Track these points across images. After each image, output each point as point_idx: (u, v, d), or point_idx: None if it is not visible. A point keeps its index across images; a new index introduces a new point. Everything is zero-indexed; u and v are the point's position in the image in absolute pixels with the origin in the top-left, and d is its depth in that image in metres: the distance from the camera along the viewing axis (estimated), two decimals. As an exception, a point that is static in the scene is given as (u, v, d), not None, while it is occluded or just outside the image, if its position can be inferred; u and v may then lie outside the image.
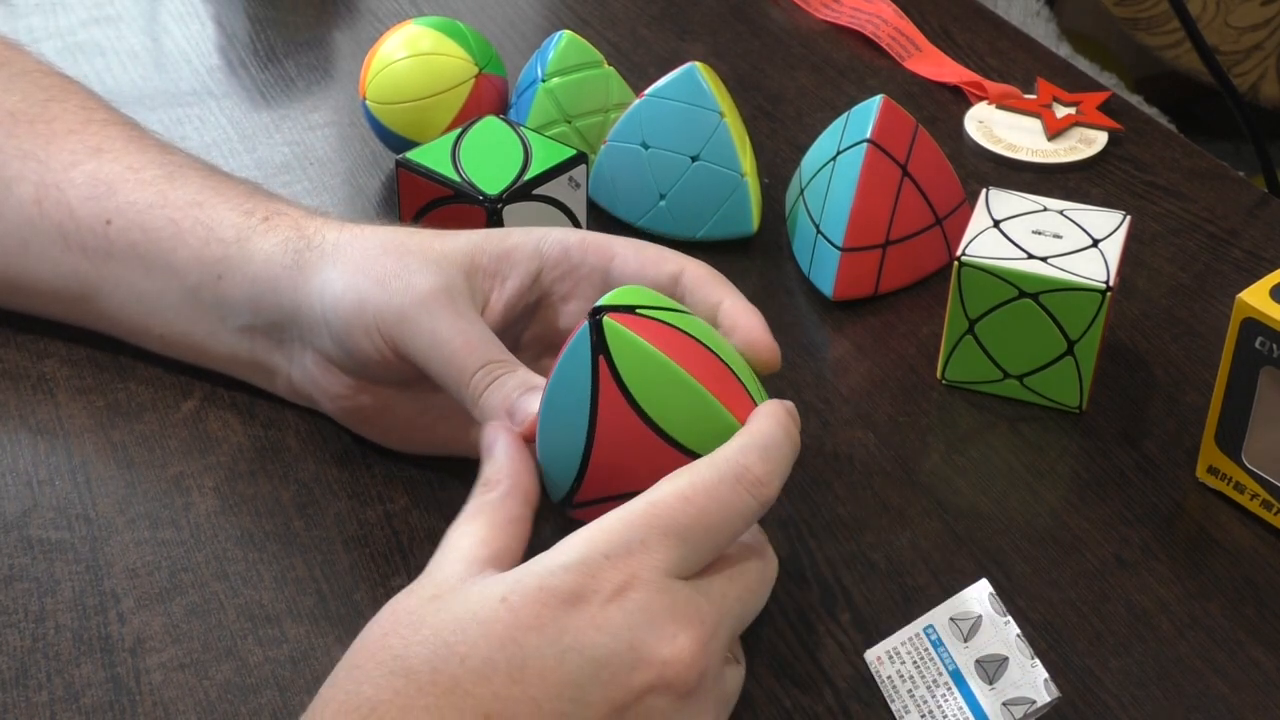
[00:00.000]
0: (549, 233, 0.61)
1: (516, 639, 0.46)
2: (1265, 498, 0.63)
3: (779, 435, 0.52)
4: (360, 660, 0.48)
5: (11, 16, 0.98)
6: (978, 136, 0.88)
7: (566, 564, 0.48)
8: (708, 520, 0.49)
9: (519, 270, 0.61)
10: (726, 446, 0.51)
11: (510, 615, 0.47)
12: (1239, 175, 0.87)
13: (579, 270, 0.61)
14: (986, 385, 0.70)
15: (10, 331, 0.70)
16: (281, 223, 0.64)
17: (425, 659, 0.46)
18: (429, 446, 0.64)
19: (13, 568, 0.60)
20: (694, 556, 0.49)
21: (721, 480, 0.50)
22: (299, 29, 0.98)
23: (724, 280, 0.59)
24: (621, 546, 0.48)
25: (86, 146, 0.68)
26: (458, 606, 0.48)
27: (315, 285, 0.61)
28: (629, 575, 0.48)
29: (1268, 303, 0.61)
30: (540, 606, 0.47)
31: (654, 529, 0.49)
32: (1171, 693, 0.57)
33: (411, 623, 0.48)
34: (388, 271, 0.59)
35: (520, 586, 0.47)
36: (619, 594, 0.47)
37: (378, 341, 0.59)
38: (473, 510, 0.52)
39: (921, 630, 0.54)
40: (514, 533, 0.51)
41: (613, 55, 0.94)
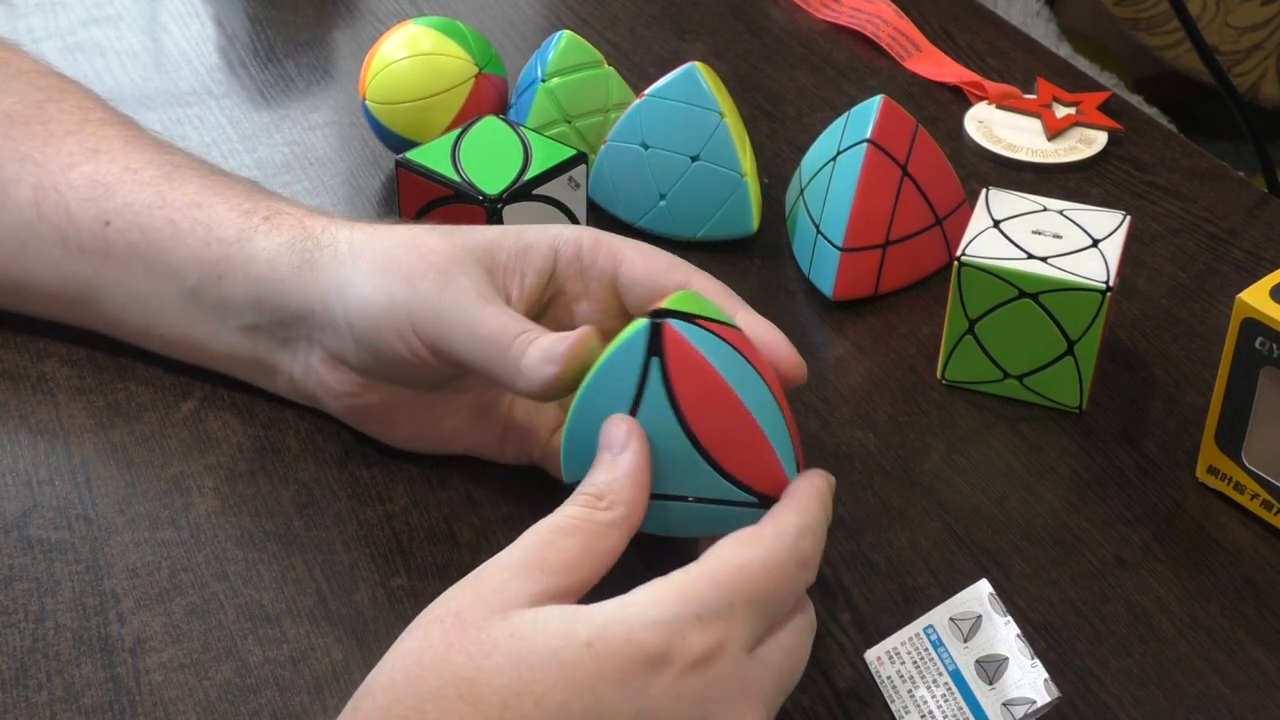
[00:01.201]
0: (563, 231, 0.61)
1: (596, 691, 0.45)
2: (1265, 498, 0.63)
3: (821, 518, 0.52)
4: (423, 670, 0.46)
5: (11, 16, 0.98)
6: (978, 136, 0.88)
7: (658, 620, 0.46)
8: (780, 595, 0.50)
9: (535, 268, 0.61)
10: (787, 522, 0.51)
11: (594, 664, 0.45)
12: (1239, 175, 0.87)
13: (589, 271, 0.61)
14: (986, 385, 0.70)
15: (10, 331, 0.70)
16: (284, 222, 0.64)
17: (497, 690, 0.45)
18: (432, 444, 0.64)
19: (13, 568, 0.60)
20: (764, 628, 0.50)
21: (789, 559, 0.50)
22: (299, 29, 0.98)
23: (732, 294, 0.59)
24: (712, 611, 0.47)
25: (84, 148, 0.68)
26: (537, 640, 0.46)
27: (333, 286, 0.61)
28: (716, 644, 0.47)
29: (1268, 303, 0.61)
30: (625, 661, 0.46)
31: (743, 596, 0.48)
32: (1171, 693, 0.57)
33: (482, 643, 0.46)
34: (416, 271, 0.59)
35: (608, 635, 0.46)
36: (703, 663, 0.47)
37: (411, 341, 0.59)
38: (573, 523, 0.50)
39: (921, 630, 0.54)
40: (601, 568, 0.49)
41: (613, 55, 0.94)
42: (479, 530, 0.62)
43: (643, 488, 0.51)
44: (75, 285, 0.67)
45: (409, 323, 0.59)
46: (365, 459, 0.65)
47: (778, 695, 0.50)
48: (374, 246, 0.61)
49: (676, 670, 0.46)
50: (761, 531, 0.50)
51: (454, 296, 0.58)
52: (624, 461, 0.51)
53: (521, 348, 0.56)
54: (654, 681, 0.46)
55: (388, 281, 0.59)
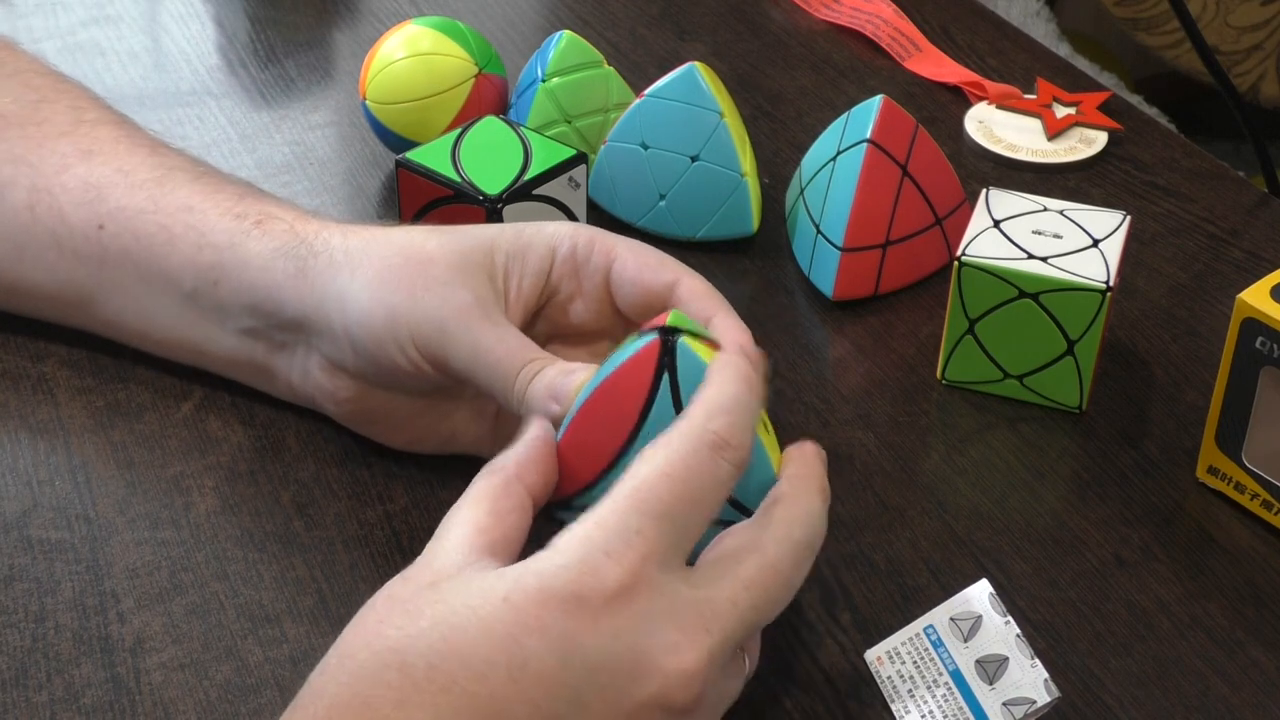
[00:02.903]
0: (559, 229, 0.61)
1: (518, 640, 0.46)
2: (1265, 498, 0.63)
3: (741, 391, 0.51)
4: (354, 648, 0.47)
5: (11, 16, 0.98)
6: (978, 136, 0.88)
7: (567, 563, 0.47)
8: (691, 494, 0.48)
9: (533, 269, 0.61)
10: (693, 413, 0.50)
11: (512, 615, 0.46)
12: (1239, 175, 0.87)
13: (584, 269, 0.61)
14: (986, 385, 0.70)
15: (10, 332, 0.70)
16: (275, 227, 0.63)
17: (422, 653, 0.46)
18: (432, 445, 0.64)
19: (13, 568, 0.60)
20: (685, 535, 0.49)
21: (698, 452, 0.49)
22: (299, 29, 0.98)
23: (719, 296, 0.59)
24: (619, 539, 0.47)
25: (77, 149, 0.67)
26: (456, 600, 0.47)
27: (330, 295, 0.61)
28: (631, 573, 0.47)
29: (1268, 303, 0.61)
30: (542, 608, 0.46)
31: (646, 514, 0.48)
32: (1171, 693, 0.57)
33: (408, 611, 0.47)
34: (416, 282, 0.59)
35: (521, 585, 0.47)
36: (622, 595, 0.47)
37: (412, 354, 0.59)
38: (475, 494, 0.51)
39: (921, 630, 0.54)
40: (514, 522, 0.50)
41: (613, 55, 0.94)
42: (479, 530, 0.62)
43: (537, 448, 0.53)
44: (72, 289, 0.67)
45: (409, 336, 0.59)
46: (365, 459, 0.65)
47: (729, 633, 0.48)
48: (370, 254, 0.61)
49: (594, 607, 0.46)
50: (664, 436, 0.49)
51: (458, 312, 0.58)
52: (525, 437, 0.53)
53: (526, 379, 0.56)
54: (574, 623, 0.46)
55: (387, 293, 0.59)
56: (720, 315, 0.58)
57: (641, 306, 0.60)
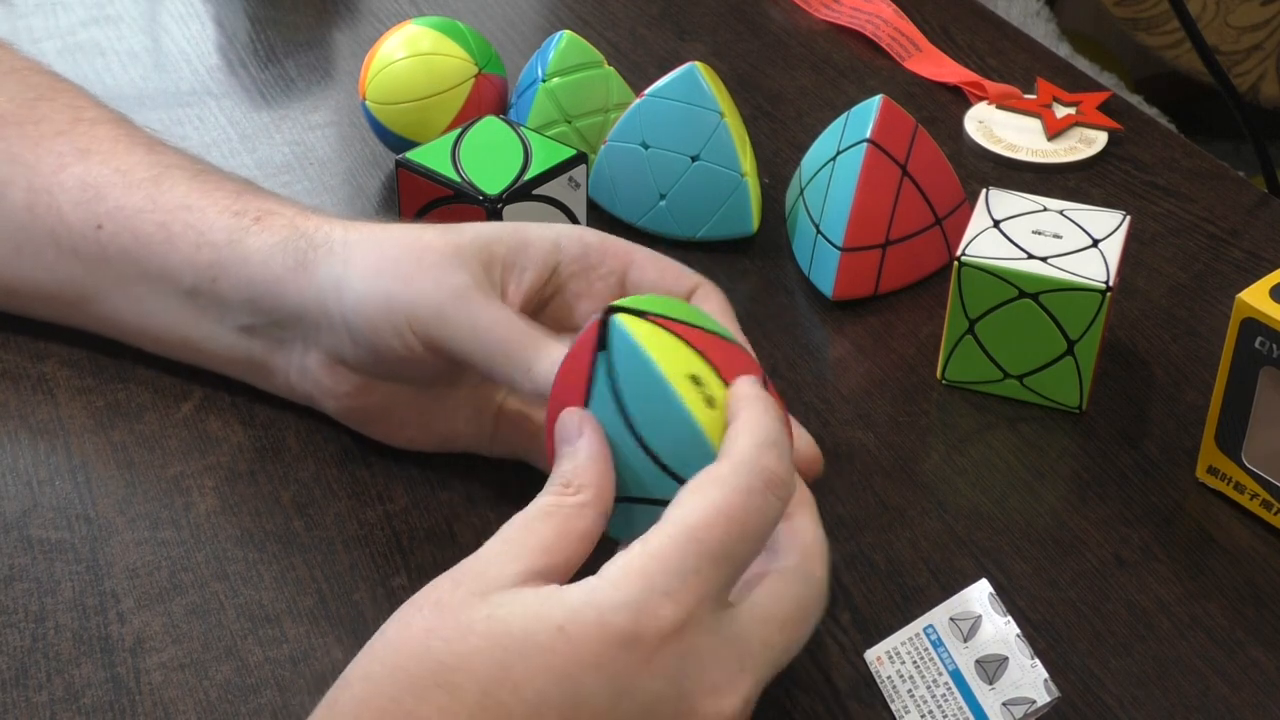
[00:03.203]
0: (569, 229, 0.61)
1: (573, 675, 0.45)
2: (1265, 498, 0.63)
3: (777, 425, 0.51)
4: (402, 659, 0.46)
5: (11, 16, 0.98)
6: (978, 136, 0.88)
7: (626, 601, 0.46)
8: (747, 534, 0.48)
9: (536, 264, 0.60)
10: (741, 448, 0.49)
11: (569, 648, 0.45)
12: (1239, 175, 0.87)
13: (596, 270, 0.61)
14: (986, 385, 0.70)
15: (10, 332, 0.70)
16: (275, 222, 0.63)
17: (474, 677, 0.45)
18: (432, 443, 0.64)
19: (13, 568, 0.60)
20: (736, 573, 0.49)
21: (752, 490, 0.48)
22: (299, 29, 0.98)
23: (730, 314, 0.59)
24: (678, 580, 0.47)
25: (75, 148, 0.67)
26: (512, 623, 0.46)
27: (328, 285, 0.61)
28: (685, 614, 0.46)
29: (1268, 303, 0.61)
30: (600, 644, 0.46)
31: (704, 556, 0.47)
32: (1171, 693, 0.57)
33: (459, 627, 0.46)
34: (412, 269, 0.59)
35: (579, 618, 0.46)
36: (675, 636, 0.46)
37: (409, 339, 0.59)
38: (546, 509, 0.49)
39: (921, 630, 0.54)
40: (580, 549, 0.49)
41: (613, 55, 0.94)
42: (479, 530, 0.62)
43: (605, 466, 0.51)
44: (71, 287, 0.67)
45: (406, 320, 0.58)
46: (365, 459, 0.65)
47: (766, 662, 0.49)
48: (368, 244, 0.61)
49: (649, 647, 0.46)
50: (716, 471, 0.49)
51: (454, 293, 0.58)
52: (582, 447, 0.51)
53: (532, 355, 0.56)
54: (629, 662, 0.46)
55: (383, 279, 0.59)
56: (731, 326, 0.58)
57: None
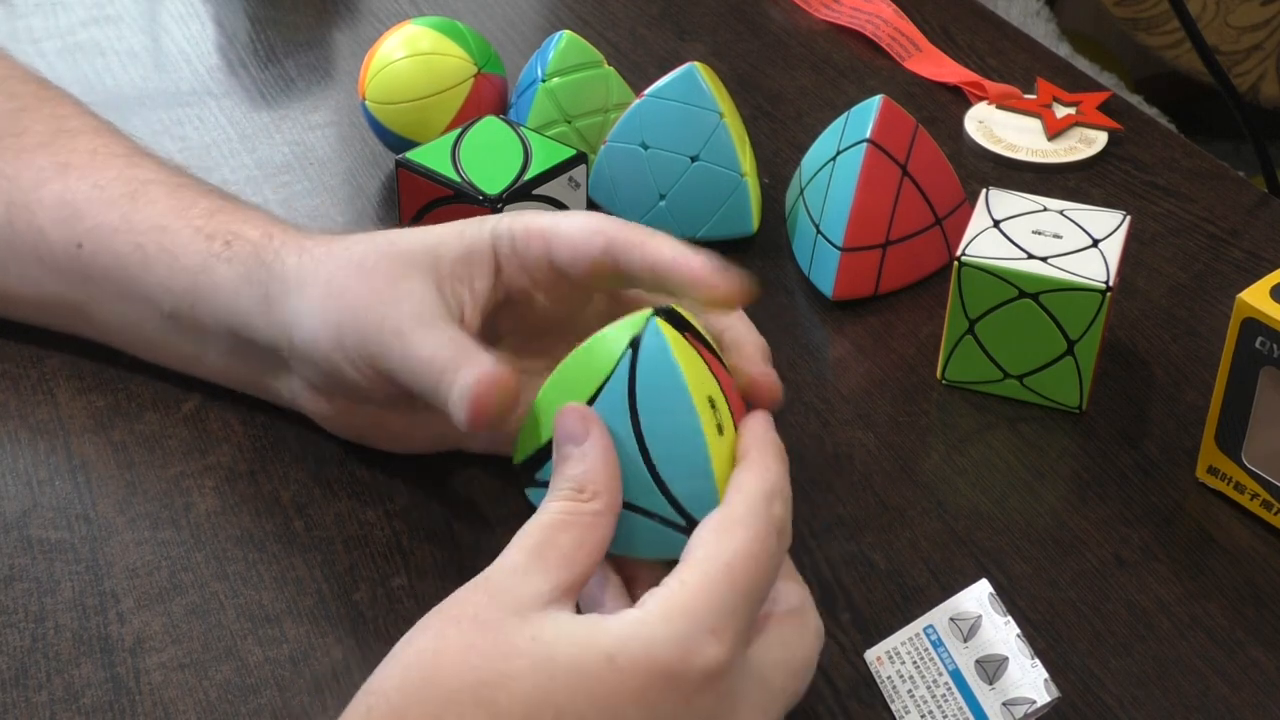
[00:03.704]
0: (498, 224, 0.59)
1: (615, 707, 0.45)
2: (1265, 498, 0.63)
3: (785, 475, 0.51)
4: (442, 674, 0.46)
5: (11, 16, 0.98)
6: (978, 136, 0.88)
7: (674, 637, 0.46)
8: (766, 577, 0.49)
9: (481, 271, 0.59)
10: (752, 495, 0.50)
11: (616, 679, 0.46)
12: (1239, 175, 0.87)
13: (526, 261, 0.59)
14: (986, 385, 0.70)
15: (10, 332, 0.70)
16: (241, 249, 0.62)
17: (517, 698, 0.45)
18: (426, 446, 0.64)
19: (13, 568, 0.60)
20: (756, 616, 0.49)
21: (769, 535, 0.49)
22: (299, 29, 0.98)
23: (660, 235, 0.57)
24: (721, 619, 0.47)
25: (54, 163, 0.67)
26: (557, 646, 0.46)
27: (288, 319, 0.60)
28: (728, 654, 0.47)
29: (1268, 303, 0.61)
30: (646, 677, 0.46)
31: (739, 594, 0.48)
32: (1171, 693, 0.57)
33: (500, 645, 0.46)
34: (359, 297, 0.58)
35: (629, 650, 0.46)
36: (715, 676, 0.47)
37: (364, 369, 0.58)
38: (562, 519, 0.49)
39: (921, 630, 0.54)
40: (596, 559, 0.49)
41: (613, 55, 0.94)
42: (479, 530, 0.62)
43: (616, 470, 0.51)
44: (60, 302, 0.67)
45: (356, 351, 0.58)
46: (365, 459, 0.65)
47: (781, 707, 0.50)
48: (319, 274, 0.60)
49: (692, 685, 0.46)
50: (733, 513, 0.49)
51: (393, 321, 0.57)
52: (592, 449, 0.51)
53: (449, 383, 0.55)
54: (671, 698, 0.46)
55: (332, 311, 0.59)
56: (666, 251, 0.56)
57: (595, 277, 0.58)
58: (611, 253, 0.57)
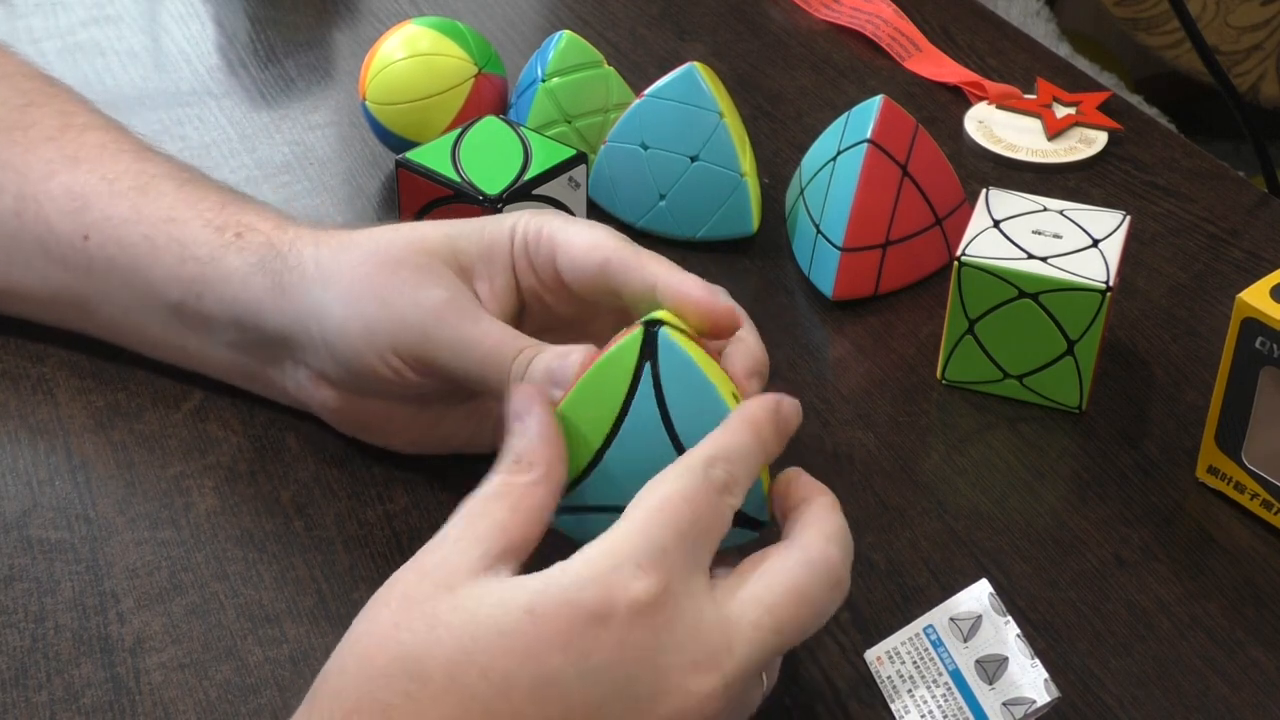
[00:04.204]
0: (516, 223, 0.60)
1: (540, 656, 0.45)
2: (1265, 498, 0.63)
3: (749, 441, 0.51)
4: (370, 652, 0.46)
5: (11, 16, 0.98)
6: (978, 136, 0.88)
7: (593, 576, 0.46)
8: (704, 522, 0.48)
9: (501, 269, 0.59)
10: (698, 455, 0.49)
11: (534, 629, 0.45)
12: (1239, 175, 0.87)
13: (537, 261, 0.59)
14: (986, 385, 0.70)
15: (10, 332, 0.70)
16: (253, 239, 0.63)
17: (441, 664, 0.45)
18: (431, 446, 0.64)
19: (13, 568, 0.60)
20: (701, 560, 0.48)
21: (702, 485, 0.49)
22: (299, 29, 0.98)
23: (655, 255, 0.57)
24: (646, 554, 0.46)
25: (63, 155, 0.67)
26: (479, 610, 0.46)
27: (306, 309, 0.60)
28: (658, 586, 0.46)
29: (1268, 303, 0.61)
30: (567, 623, 0.45)
31: (670, 531, 0.47)
32: (1171, 693, 0.57)
33: (425, 617, 0.46)
34: (387, 290, 0.58)
35: (546, 598, 0.46)
36: (646, 610, 0.46)
37: (394, 362, 0.58)
38: (497, 490, 0.49)
39: (921, 630, 0.54)
40: (535, 524, 0.49)
41: (613, 55, 0.94)
42: (479, 530, 0.62)
43: (556, 444, 0.51)
44: (64, 295, 0.67)
45: (388, 344, 0.58)
46: (365, 459, 0.65)
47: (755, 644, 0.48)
48: (341, 264, 0.60)
49: (621, 620, 0.46)
50: (678, 463, 0.49)
51: (434, 312, 0.57)
52: (532, 423, 0.51)
53: (522, 367, 0.55)
54: (599, 638, 0.46)
55: (360, 304, 0.59)
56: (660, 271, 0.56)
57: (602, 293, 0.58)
58: (608, 271, 0.57)
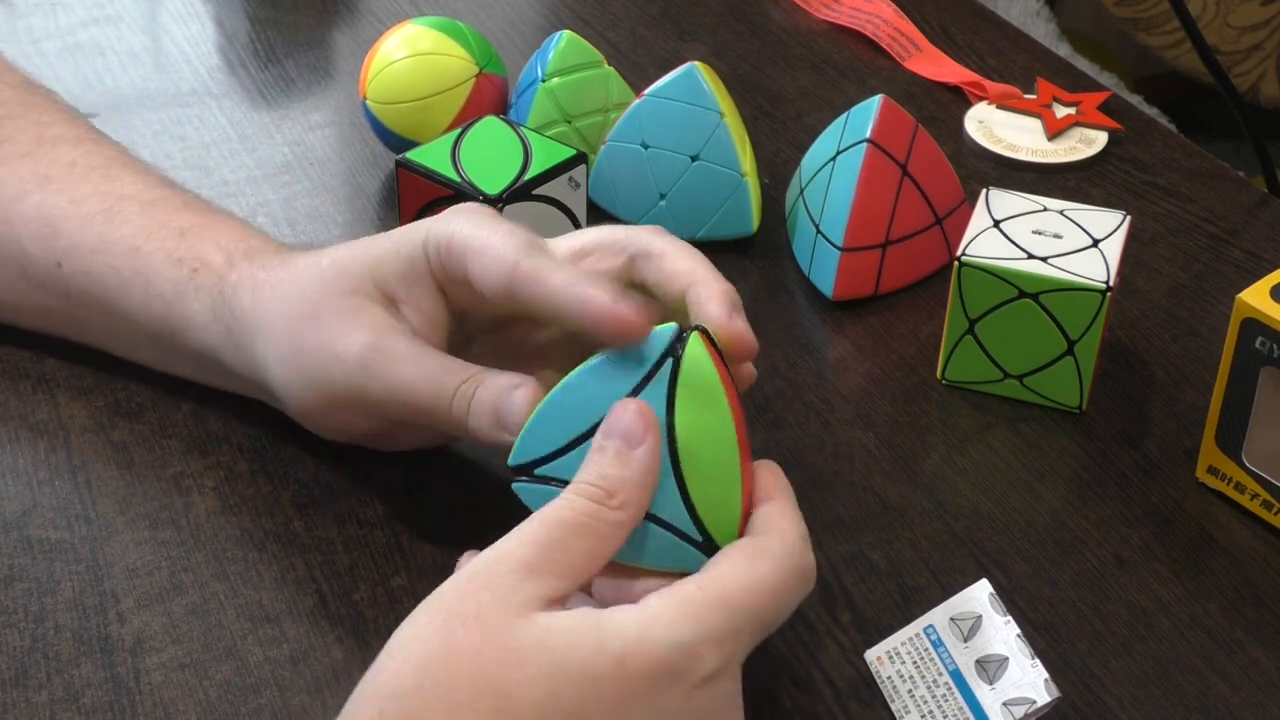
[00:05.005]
0: (429, 233, 0.57)
1: (624, 707, 0.46)
2: (1265, 498, 0.63)
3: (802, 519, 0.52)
4: (456, 681, 0.45)
5: (11, 16, 0.98)
6: (978, 136, 0.88)
7: (680, 642, 0.47)
8: (781, 613, 0.50)
9: (423, 286, 0.58)
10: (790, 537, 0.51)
11: (625, 681, 0.46)
12: (1239, 175, 0.87)
13: (450, 275, 0.57)
14: (986, 385, 0.70)
15: (10, 332, 0.70)
16: (206, 280, 0.62)
17: (531, 704, 0.45)
18: (434, 441, 0.64)
19: (13, 568, 0.60)
20: (757, 643, 0.50)
21: (793, 575, 0.50)
22: (299, 29, 0.98)
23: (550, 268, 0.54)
24: (726, 635, 0.48)
25: (35, 174, 0.67)
26: (570, 653, 0.46)
27: (255, 363, 0.61)
28: (724, 663, 0.48)
29: (1268, 303, 0.61)
30: (652, 679, 0.47)
31: (751, 618, 0.49)
32: (1171, 693, 0.57)
33: (511, 650, 0.46)
34: (311, 345, 0.58)
35: (639, 652, 0.46)
36: (712, 680, 0.48)
37: (336, 414, 0.59)
38: (585, 521, 0.49)
39: (921, 630, 0.54)
40: (604, 562, 0.49)
41: (613, 55, 0.94)
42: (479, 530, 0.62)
43: (652, 485, 0.50)
44: (49, 315, 0.67)
45: (326, 399, 0.58)
46: (365, 459, 0.65)
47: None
48: (271, 315, 0.59)
49: (689, 685, 0.47)
50: (768, 545, 0.50)
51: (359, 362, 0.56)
52: (641, 458, 0.50)
53: (463, 405, 0.55)
54: (669, 696, 0.47)
55: (290, 361, 0.59)
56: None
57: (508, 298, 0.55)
58: (513, 288, 0.54)
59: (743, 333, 0.54)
